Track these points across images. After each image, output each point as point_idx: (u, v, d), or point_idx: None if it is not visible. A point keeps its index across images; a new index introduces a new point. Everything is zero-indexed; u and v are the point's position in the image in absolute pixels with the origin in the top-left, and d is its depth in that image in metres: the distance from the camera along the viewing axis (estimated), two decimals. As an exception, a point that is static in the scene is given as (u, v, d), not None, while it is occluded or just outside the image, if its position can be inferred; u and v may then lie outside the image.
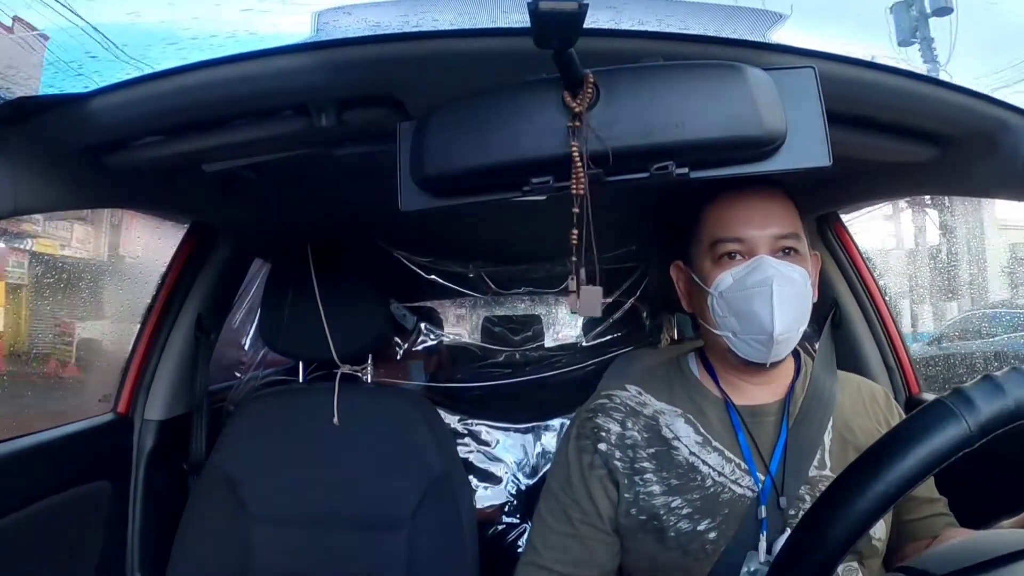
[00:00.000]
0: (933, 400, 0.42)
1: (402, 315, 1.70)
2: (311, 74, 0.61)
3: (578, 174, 0.48)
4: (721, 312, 0.73)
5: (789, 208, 0.75)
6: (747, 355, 0.73)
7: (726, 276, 0.73)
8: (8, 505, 0.90)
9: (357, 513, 1.08)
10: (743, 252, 0.73)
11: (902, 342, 1.20)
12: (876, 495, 0.39)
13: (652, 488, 0.74)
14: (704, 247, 0.76)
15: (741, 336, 0.73)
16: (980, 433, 0.40)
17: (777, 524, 0.71)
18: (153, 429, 1.19)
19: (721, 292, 0.73)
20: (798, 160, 0.52)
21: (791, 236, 0.73)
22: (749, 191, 0.75)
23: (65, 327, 1.89)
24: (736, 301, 0.72)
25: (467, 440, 1.58)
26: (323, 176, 1.02)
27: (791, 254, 0.73)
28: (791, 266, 0.72)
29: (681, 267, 0.81)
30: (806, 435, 0.75)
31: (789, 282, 0.70)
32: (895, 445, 0.40)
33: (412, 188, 0.55)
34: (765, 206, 0.74)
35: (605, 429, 0.78)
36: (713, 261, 0.74)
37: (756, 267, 0.71)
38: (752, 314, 0.70)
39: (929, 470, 0.39)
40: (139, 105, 0.65)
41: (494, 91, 0.52)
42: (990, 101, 0.66)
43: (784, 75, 0.52)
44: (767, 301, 0.69)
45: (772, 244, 0.72)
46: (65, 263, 2.11)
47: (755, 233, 0.72)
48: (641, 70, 0.50)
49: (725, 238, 0.73)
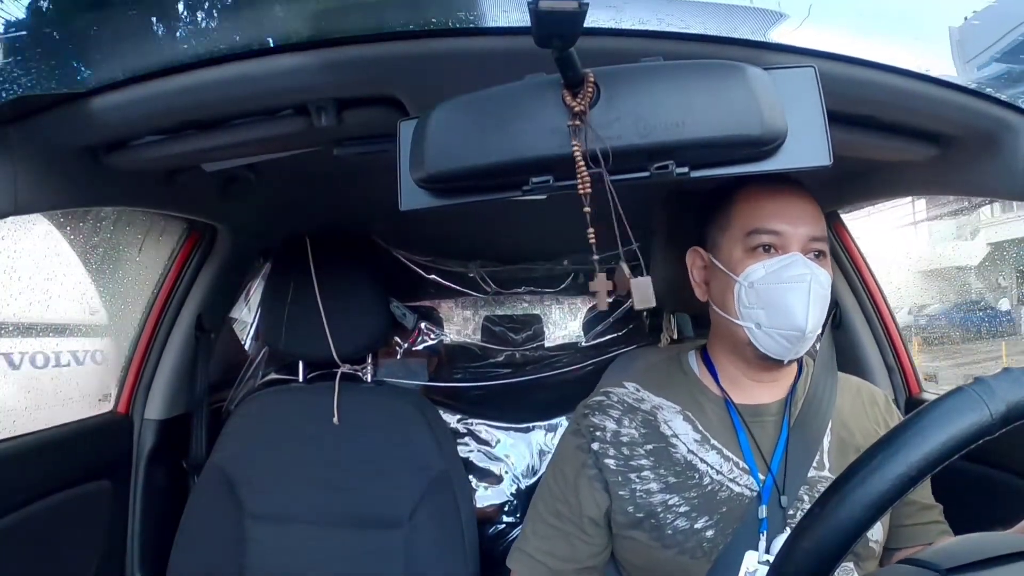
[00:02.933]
0: (955, 388, 0.42)
1: (402, 314, 1.70)
2: (311, 73, 0.61)
3: (582, 174, 0.48)
4: (748, 302, 0.72)
5: (820, 212, 0.75)
6: (767, 349, 0.72)
7: (758, 267, 0.72)
8: (8, 504, 0.91)
9: (356, 512, 1.08)
10: (776, 246, 0.72)
11: (902, 342, 1.20)
12: (897, 476, 0.39)
13: (649, 485, 0.74)
14: (736, 234, 0.74)
15: (766, 328, 0.71)
16: (1001, 422, 0.40)
17: (777, 524, 0.71)
18: (153, 429, 1.20)
19: (752, 282, 0.72)
20: (798, 160, 0.52)
21: (821, 240, 0.73)
22: (785, 187, 0.74)
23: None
24: (768, 292, 0.71)
25: (467, 440, 1.58)
26: (323, 176, 1.02)
27: (820, 257, 0.73)
28: (821, 268, 0.71)
29: (701, 253, 0.80)
30: (806, 436, 0.75)
31: (820, 284, 0.70)
32: (918, 427, 0.41)
33: (412, 187, 0.55)
34: (802, 204, 0.73)
35: (600, 427, 0.78)
36: (745, 250, 0.73)
37: (791, 263, 0.70)
38: (785, 307, 0.70)
39: (950, 455, 0.40)
40: (139, 105, 0.65)
41: (494, 90, 0.52)
42: (991, 101, 0.66)
43: (784, 74, 0.51)
44: (804, 296, 0.69)
45: (804, 244, 0.72)
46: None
47: (791, 229, 0.72)
48: (641, 69, 0.50)
49: (762, 229, 0.72)
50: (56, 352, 1.26)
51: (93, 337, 1.31)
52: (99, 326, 1.29)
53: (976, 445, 0.40)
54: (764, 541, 0.70)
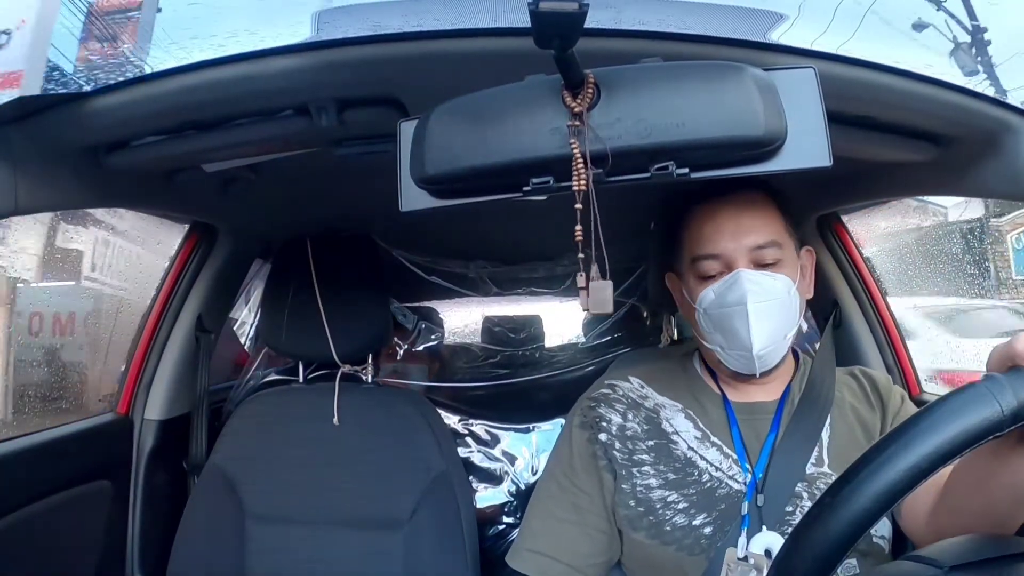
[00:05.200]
0: (967, 383, 0.42)
1: (402, 315, 1.70)
2: (311, 74, 0.61)
3: (579, 172, 0.48)
4: (707, 328, 0.74)
5: (768, 215, 0.75)
6: (736, 367, 0.74)
7: (708, 292, 0.73)
8: (8, 505, 0.91)
9: (356, 513, 1.08)
10: (722, 267, 0.73)
11: (902, 342, 1.20)
12: (907, 468, 0.39)
13: (649, 481, 0.75)
14: (687, 263, 0.77)
15: (728, 351, 0.73)
16: (1012, 418, 0.40)
17: (756, 521, 0.71)
18: (153, 429, 1.20)
19: (704, 309, 0.74)
20: (798, 160, 0.52)
21: (770, 245, 0.73)
22: (724, 203, 0.75)
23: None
24: (718, 318, 0.72)
25: (467, 440, 1.58)
26: (323, 176, 1.02)
27: (771, 264, 0.73)
28: (771, 277, 0.71)
29: (674, 279, 0.82)
30: (802, 433, 0.75)
31: (766, 295, 0.70)
32: (929, 421, 0.41)
33: (412, 188, 0.55)
34: (739, 217, 0.74)
35: (607, 419, 0.78)
36: (696, 277, 0.75)
37: (733, 283, 0.71)
38: (733, 331, 0.71)
39: (960, 450, 0.40)
40: (139, 105, 0.65)
41: (494, 91, 0.52)
42: (991, 101, 0.66)
43: (784, 75, 0.51)
44: (744, 320, 0.70)
45: (749, 255, 0.72)
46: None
47: (731, 245, 0.73)
48: (641, 70, 0.50)
49: (701, 255, 0.74)
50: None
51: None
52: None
53: (987, 441, 0.40)
54: (744, 538, 0.70)
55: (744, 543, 0.70)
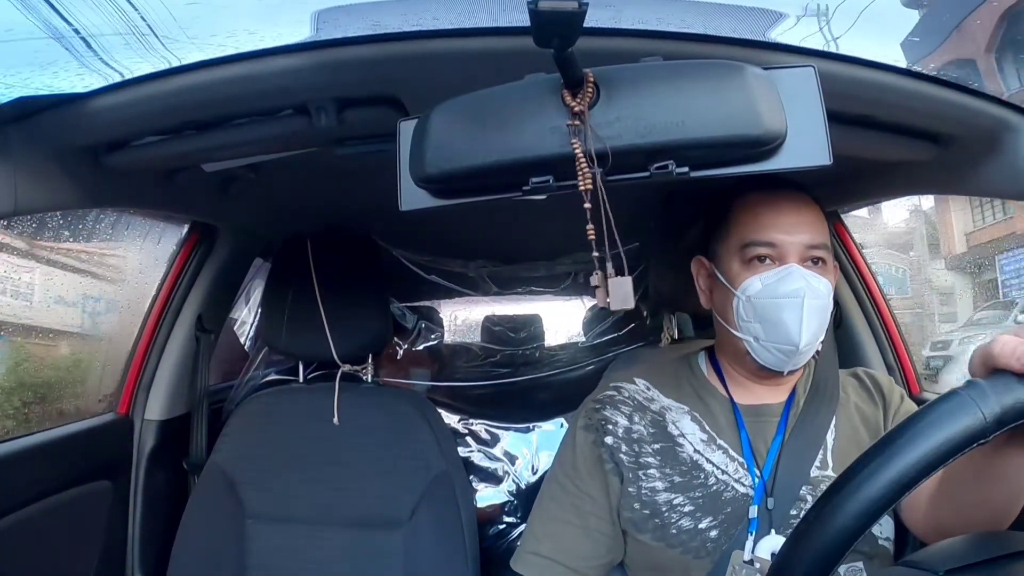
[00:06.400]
0: (948, 391, 0.42)
1: (402, 315, 1.70)
2: (311, 74, 0.61)
3: (583, 171, 0.48)
4: (746, 316, 0.72)
5: (820, 217, 0.74)
6: (766, 362, 0.73)
7: (755, 280, 0.71)
8: (8, 505, 0.91)
9: (356, 512, 1.08)
10: (773, 257, 0.72)
11: (903, 342, 1.20)
12: (889, 481, 0.39)
13: (655, 484, 0.74)
14: (733, 246, 0.74)
15: (763, 342, 0.72)
16: (995, 424, 0.40)
17: (765, 525, 0.71)
18: (153, 429, 1.20)
19: (749, 296, 0.72)
20: (798, 159, 0.52)
21: (821, 246, 0.72)
22: (782, 194, 0.74)
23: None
24: (764, 308, 0.71)
25: (467, 440, 1.58)
26: (323, 176, 1.02)
27: (819, 264, 0.72)
28: (819, 278, 0.71)
29: (704, 263, 0.80)
30: (806, 436, 0.75)
31: (817, 295, 0.70)
32: (910, 431, 0.40)
33: (412, 187, 0.55)
34: (799, 212, 0.73)
35: (612, 422, 0.78)
36: (742, 263, 0.73)
37: (787, 275, 0.70)
38: (780, 323, 0.70)
39: (943, 459, 0.39)
40: (139, 105, 0.65)
41: (494, 90, 0.52)
42: (991, 100, 0.66)
43: (784, 74, 0.51)
44: (797, 312, 0.69)
45: (802, 252, 0.71)
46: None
47: (787, 239, 0.71)
48: (641, 69, 0.50)
49: (757, 241, 0.72)
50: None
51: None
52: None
53: (971, 448, 0.40)
54: (751, 542, 0.70)
55: (750, 546, 0.69)
